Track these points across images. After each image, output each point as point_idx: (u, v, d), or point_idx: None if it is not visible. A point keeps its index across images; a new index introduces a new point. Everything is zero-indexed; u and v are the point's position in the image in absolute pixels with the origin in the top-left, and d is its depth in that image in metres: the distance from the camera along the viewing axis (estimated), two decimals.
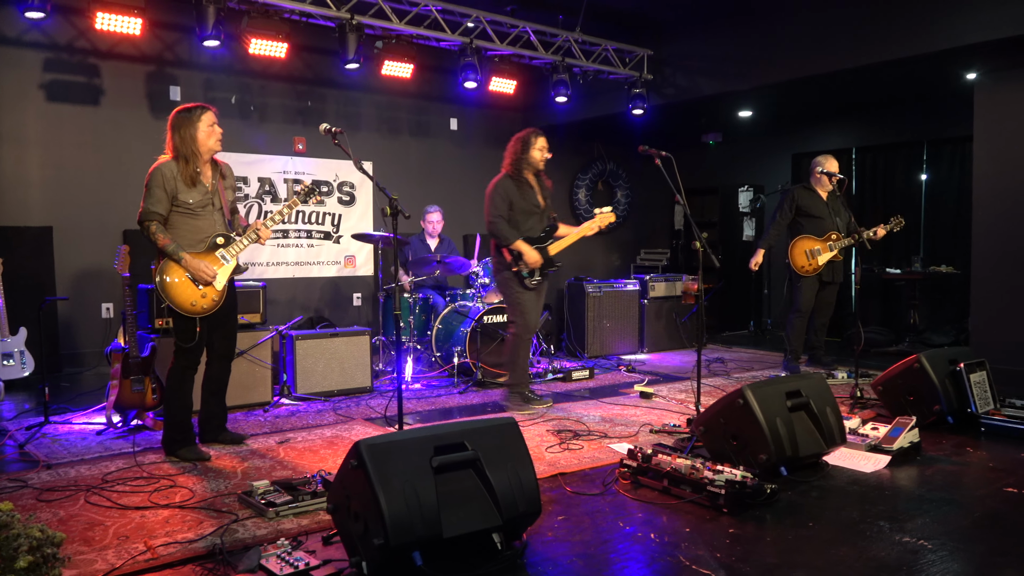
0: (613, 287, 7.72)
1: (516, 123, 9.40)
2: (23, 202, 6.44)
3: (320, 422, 4.90)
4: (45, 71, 6.51)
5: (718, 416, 3.83)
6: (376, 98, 8.25)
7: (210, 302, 4.04)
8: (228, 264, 4.10)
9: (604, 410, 5.23)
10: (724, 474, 3.34)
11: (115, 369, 4.61)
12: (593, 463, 3.96)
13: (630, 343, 7.78)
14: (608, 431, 4.62)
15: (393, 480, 2.54)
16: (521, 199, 5.14)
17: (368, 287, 8.27)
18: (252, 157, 7.49)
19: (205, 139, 4.03)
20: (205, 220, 4.06)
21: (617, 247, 10.56)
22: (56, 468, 3.88)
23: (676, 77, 7.90)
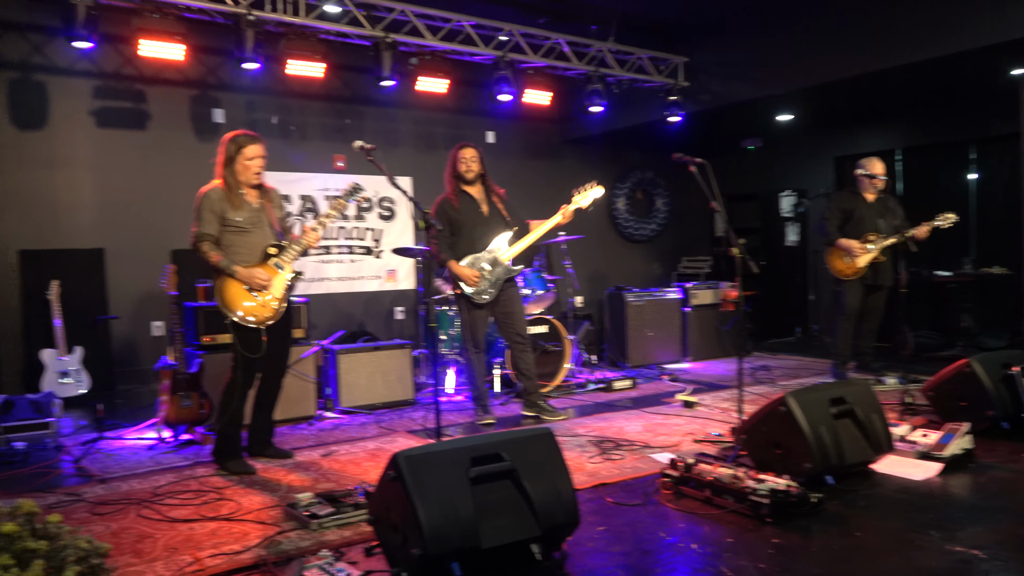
0: (654, 296, 7.67)
1: (552, 134, 9.44)
2: (76, 225, 6.66)
3: (363, 435, 4.96)
4: (95, 98, 6.73)
5: (760, 424, 3.78)
6: (412, 114, 8.35)
7: (272, 311, 4.14)
8: (283, 271, 4.20)
9: (646, 420, 5.20)
10: (767, 483, 3.29)
11: (164, 385, 4.74)
12: (634, 473, 3.93)
13: (672, 352, 7.71)
14: (650, 441, 4.59)
15: (430, 491, 2.57)
16: (459, 214, 5.17)
17: (410, 300, 8.35)
18: (293, 176, 7.63)
19: (243, 171, 4.17)
20: (257, 235, 4.19)
21: (658, 256, 10.49)
22: (109, 482, 4.00)
23: (712, 83, 7.84)
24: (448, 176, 5.24)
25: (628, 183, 10.10)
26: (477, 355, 5.25)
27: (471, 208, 5.22)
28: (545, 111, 8.45)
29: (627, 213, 10.14)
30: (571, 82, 7.98)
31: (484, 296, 5.13)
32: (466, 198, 5.22)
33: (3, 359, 6.16)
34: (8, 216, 6.34)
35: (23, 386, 6.27)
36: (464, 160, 5.18)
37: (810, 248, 9.56)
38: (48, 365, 5.87)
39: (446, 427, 5.13)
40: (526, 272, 6.39)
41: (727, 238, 10.31)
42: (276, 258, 4.21)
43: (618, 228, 10.12)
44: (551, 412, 5.31)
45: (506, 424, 5.23)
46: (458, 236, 5.18)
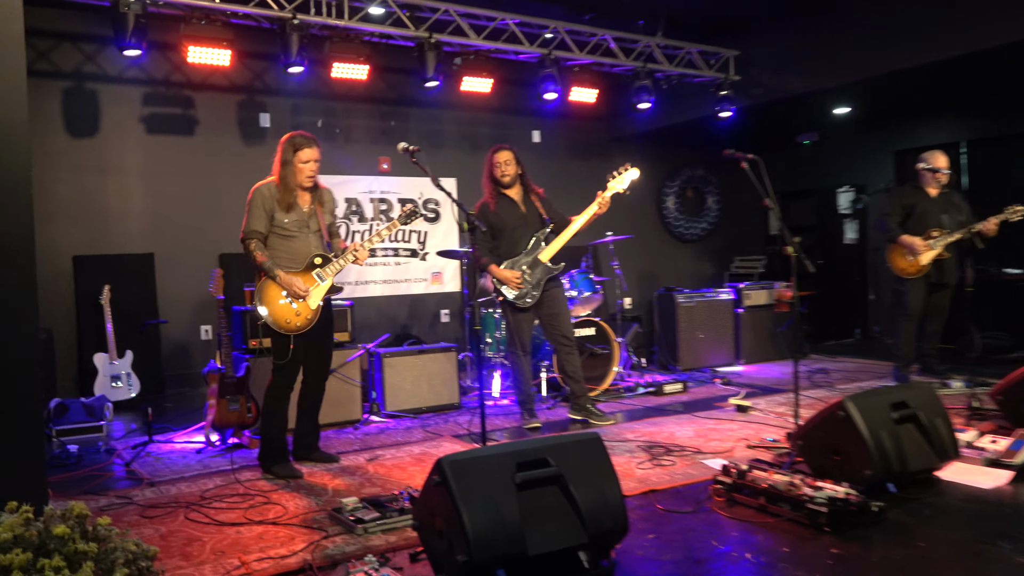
0: (706, 297, 7.58)
1: (599, 132, 9.39)
2: (126, 230, 6.86)
3: (408, 439, 4.99)
4: (144, 105, 6.92)
5: (818, 430, 3.69)
6: (457, 114, 8.39)
7: (303, 321, 4.20)
8: (323, 284, 4.26)
9: (698, 424, 5.14)
10: (825, 491, 3.22)
11: (212, 389, 4.84)
12: (686, 480, 3.89)
13: (725, 355, 7.61)
14: (702, 446, 4.54)
15: (476, 496, 2.56)
16: (498, 217, 5.18)
17: (455, 303, 8.39)
18: (339, 178, 7.73)
19: (296, 173, 4.23)
20: (300, 242, 4.24)
21: (709, 255, 10.36)
22: (159, 485, 4.09)
23: (764, 77, 7.72)
24: (486, 180, 5.25)
25: (678, 181, 10.00)
26: (523, 358, 5.24)
27: (510, 210, 5.22)
28: (591, 109, 8.41)
29: (677, 212, 10.03)
30: (618, 79, 7.93)
31: (527, 299, 5.12)
32: (504, 201, 5.23)
33: (58, 363, 6.36)
34: (61, 222, 6.56)
35: (77, 390, 6.48)
36: (499, 164, 5.18)
37: (870, 246, 9.33)
38: (100, 369, 6.05)
39: (492, 432, 5.13)
40: (572, 273, 6.37)
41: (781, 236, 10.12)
42: (320, 269, 4.26)
43: (668, 227, 10.03)
44: (599, 416, 5.28)
45: (553, 428, 5.21)
46: (499, 239, 5.19)
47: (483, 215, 5.17)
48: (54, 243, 6.45)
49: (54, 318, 6.36)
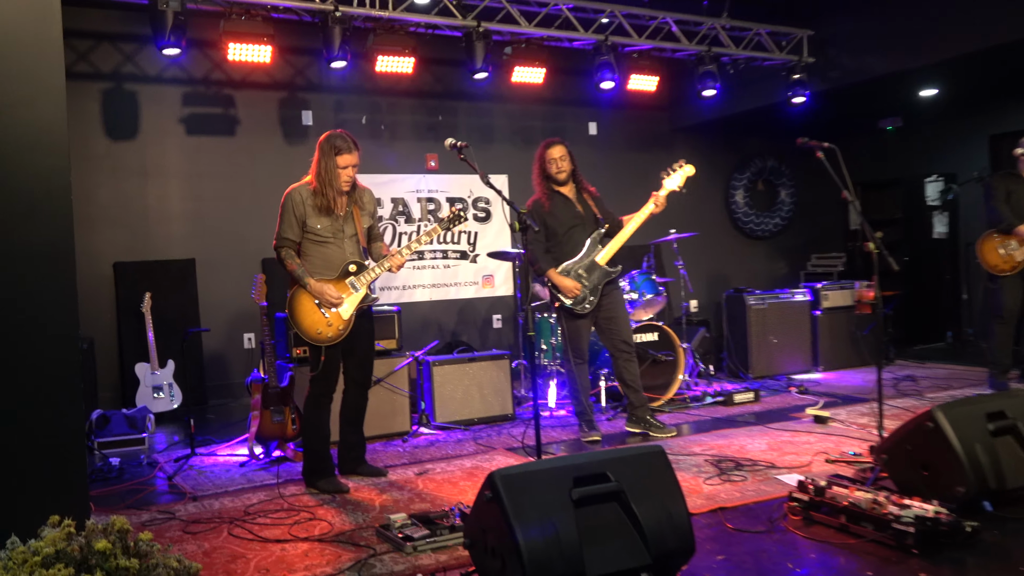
0: (779, 298, 7.47)
1: (660, 123, 9.33)
2: (167, 236, 7.07)
3: (459, 452, 5.03)
4: (184, 105, 7.13)
5: (904, 442, 3.61)
6: (508, 107, 8.43)
7: (335, 331, 4.26)
8: (357, 292, 4.31)
9: (771, 437, 5.07)
10: (913, 509, 3.14)
11: (255, 400, 4.95)
12: (758, 496, 3.85)
13: (801, 361, 7.48)
14: (776, 460, 4.48)
15: (530, 513, 2.57)
16: (554, 216, 5.17)
17: (508, 307, 8.42)
18: (384, 177, 7.84)
19: (334, 178, 4.28)
20: (334, 248, 4.31)
21: (782, 253, 10.19)
22: (201, 500, 4.20)
23: (841, 58, 7.57)
24: (537, 177, 5.26)
25: (747, 173, 9.87)
26: (580, 366, 5.24)
27: (565, 209, 5.21)
28: (652, 98, 8.36)
29: (747, 207, 9.90)
30: (680, 65, 7.86)
31: (584, 305, 5.12)
32: (559, 199, 5.23)
33: (99, 373, 6.58)
34: (102, 228, 6.79)
35: (118, 401, 6.69)
36: (553, 160, 5.18)
37: (962, 240, 9.06)
38: (141, 379, 6.24)
39: (547, 444, 5.14)
40: (633, 274, 6.34)
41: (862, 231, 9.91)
42: (354, 277, 4.32)
43: (737, 223, 9.91)
44: (659, 428, 5.24)
45: (613, 441, 5.20)
46: (552, 240, 5.19)
47: (536, 214, 5.18)
48: (94, 249, 6.68)
49: (95, 327, 6.58)
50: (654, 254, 7.04)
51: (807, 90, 7.62)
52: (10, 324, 2.76)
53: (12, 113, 2.78)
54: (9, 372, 2.75)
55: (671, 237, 6.77)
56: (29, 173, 2.80)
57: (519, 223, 3.92)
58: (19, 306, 2.77)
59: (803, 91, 7.61)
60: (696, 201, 8.78)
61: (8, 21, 2.78)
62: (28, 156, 2.80)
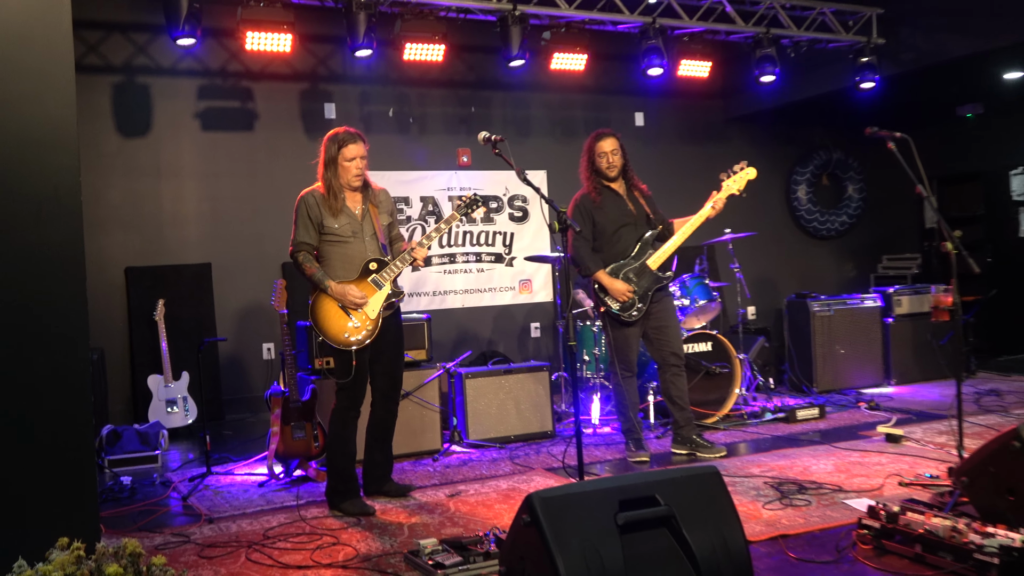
0: (847, 304, 7.39)
1: (714, 112, 9.27)
2: (181, 239, 7.18)
3: (495, 472, 5.04)
4: (199, 99, 7.25)
5: (987, 464, 3.55)
6: (547, 97, 8.45)
7: (364, 332, 4.32)
8: (381, 290, 4.37)
9: (838, 457, 5.03)
10: (997, 538, 3.10)
11: (275, 415, 5.01)
12: (823, 523, 3.82)
13: (871, 373, 7.39)
14: (843, 483, 4.44)
15: (572, 540, 2.57)
16: (603, 212, 5.16)
17: (547, 315, 8.42)
18: (413, 175, 7.89)
19: (343, 173, 4.39)
20: (355, 247, 4.39)
21: (850, 254, 10.07)
22: (218, 522, 4.26)
23: (915, 38, 7.47)
24: (585, 170, 5.26)
25: (810, 167, 9.78)
26: (628, 379, 5.22)
27: (615, 207, 5.21)
28: (704, 85, 8.32)
29: (810, 203, 9.81)
30: (736, 48, 7.81)
31: (632, 312, 5.10)
32: (609, 195, 5.22)
33: (109, 386, 6.71)
34: (113, 230, 6.92)
35: (130, 415, 6.81)
36: (604, 154, 5.18)
37: None
38: (154, 392, 6.35)
39: (591, 464, 5.14)
40: (684, 279, 6.31)
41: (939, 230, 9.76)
42: (376, 274, 4.38)
43: (799, 222, 9.81)
44: (708, 448, 5.21)
45: (663, 462, 5.18)
46: (600, 239, 5.19)
47: (584, 211, 5.18)
48: (104, 254, 6.82)
49: (105, 336, 6.71)
50: (707, 256, 6.99)
51: (876, 74, 7.53)
52: (17, 334, 2.82)
53: (19, 109, 2.85)
54: (16, 385, 2.81)
55: (726, 237, 6.72)
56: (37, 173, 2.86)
57: (559, 223, 3.93)
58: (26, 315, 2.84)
59: (872, 75, 7.52)
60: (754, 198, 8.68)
61: (15, 11, 2.85)
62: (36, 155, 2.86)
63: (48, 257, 2.86)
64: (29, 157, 2.85)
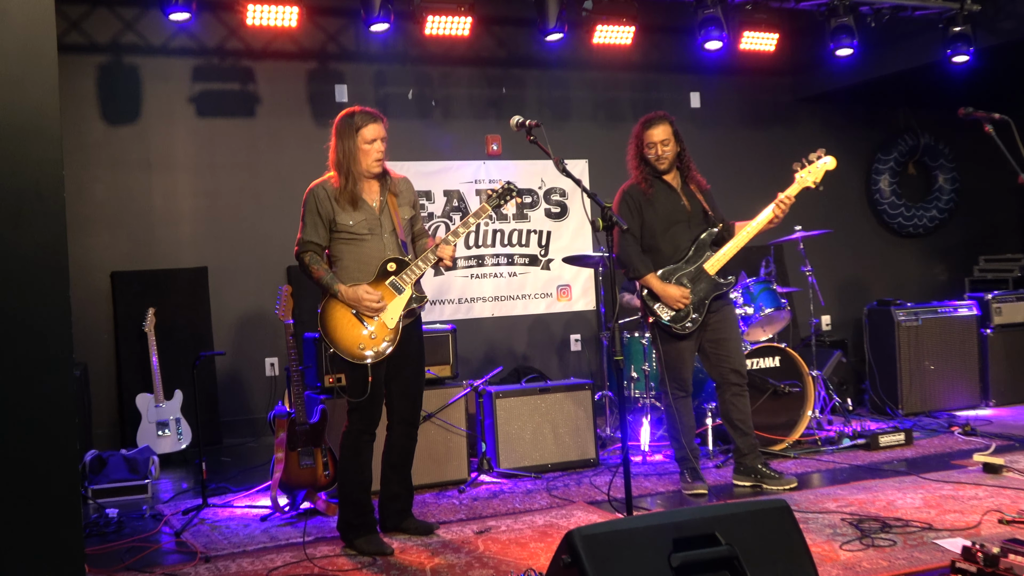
0: (938, 312, 7.34)
1: (781, 91, 9.23)
2: (174, 239, 7.27)
3: (529, 506, 5.05)
4: (194, 81, 7.34)
5: None
6: (588, 76, 8.45)
7: (381, 343, 4.33)
8: (402, 294, 4.37)
9: (928, 490, 5.00)
10: None
11: (279, 439, 5.05)
12: (910, 567, 3.81)
13: (966, 393, 7.33)
14: (934, 521, 4.42)
15: None
16: (654, 207, 5.15)
17: (589, 325, 8.42)
18: (435, 165, 7.93)
19: (362, 157, 4.39)
20: (371, 246, 4.39)
21: (941, 255, 9.96)
22: (215, 561, 4.31)
23: (1016, 4, 7.39)
24: (633, 159, 5.25)
25: (894, 154, 9.70)
26: (682, 400, 5.21)
27: (668, 201, 5.20)
28: (769, 60, 8.27)
29: (894, 196, 9.72)
30: (806, 18, 7.77)
31: (687, 323, 5.08)
32: (661, 188, 5.21)
33: (94, 406, 6.80)
34: (98, 230, 7.02)
35: (116, 439, 6.90)
36: (653, 144, 5.16)
37: None
38: (144, 414, 6.43)
39: (640, 497, 5.13)
40: (747, 283, 6.28)
41: None
42: (395, 276, 4.37)
43: (882, 217, 9.73)
44: (775, 479, 5.18)
45: (723, 494, 5.16)
46: (649, 238, 5.18)
47: (632, 205, 5.18)
48: (88, 257, 6.91)
49: (89, 350, 6.81)
50: (774, 257, 6.96)
51: (971, 46, 7.44)
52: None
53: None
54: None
55: (797, 235, 6.68)
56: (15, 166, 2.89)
57: (603, 220, 3.93)
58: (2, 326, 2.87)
59: (966, 48, 7.43)
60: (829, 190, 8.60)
61: None
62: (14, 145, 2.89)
63: (28, 261, 2.88)
64: (7, 148, 2.88)
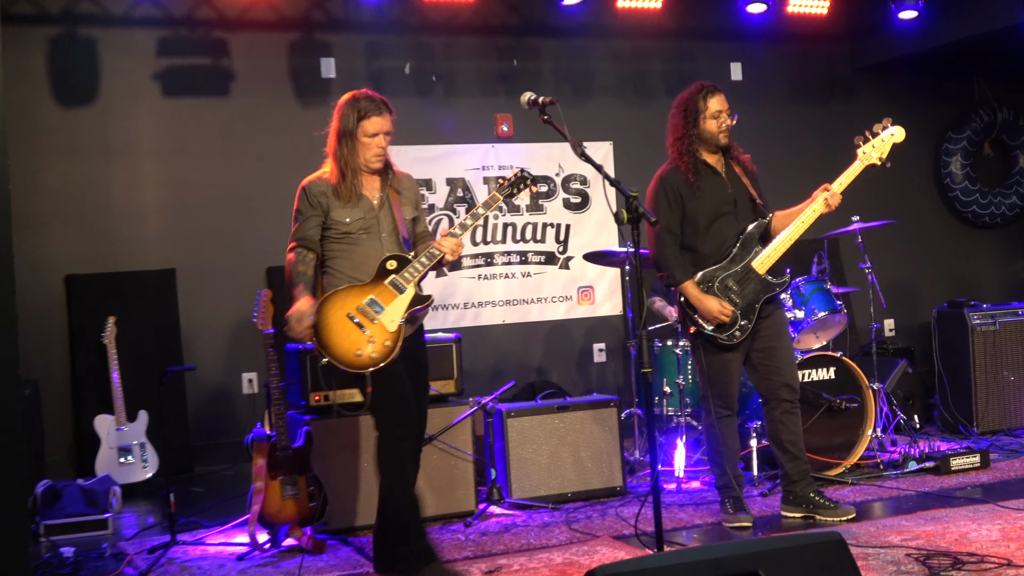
0: (1018, 315, 7.31)
1: (835, 61, 9.20)
2: (138, 238, 7.28)
3: (546, 541, 5.03)
4: (160, 55, 7.34)
5: None
6: (613, 45, 8.43)
7: (381, 348, 4.29)
8: (402, 295, 4.35)
9: (1006, 521, 4.96)
10: None
11: (258, 467, 5.05)
12: None
13: None
14: (1013, 556, 4.37)
15: None
16: (698, 198, 5.10)
17: (615, 333, 8.40)
18: (437, 150, 7.92)
19: (362, 150, 4.43)
20: (369, 246, 4.42)
21: (1021, 249, 9.91)
22: None
23: None
24: (679, 139, 5.20)
25: (967, 132, 9.67)
26: (726, 419, 5.19)
27: (714, 189, 5.16)
28: (822, 25, 8.28)
29: (967, 181, 9.69)
30: None
31: (735, 332, 5.06)
32: (706, 173, 5.19)
33: (47, 430, 6.81)
34: (52, 228, 7.05)
35: (72, 468, 6.90)
36: (719, 114, 5.12)
37: None
38: (104, 438, 6.43)
39: (674, 531, 5.11)
40: (797, 283, 6.25)
41: None
42: (395, 275, 4.37)
43: (952, 205, 9.70)
44: (831, 509, 5.15)
45: (770, 527, 5.13)
46: (691, 234, 5.16)
47: (672, 194, 5.14)
48: (41, 258, 6.93)
49: (39, 365, 6.80)
50: (828, 253, 6.93)
51: None
52: None
53: None
54: None
55: (854, 227, 6.63)
56: None
57: (628, 211, 3.91)
58: None
59: None
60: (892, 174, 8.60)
61: None
62: None
63: None
64: None
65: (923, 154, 9.60)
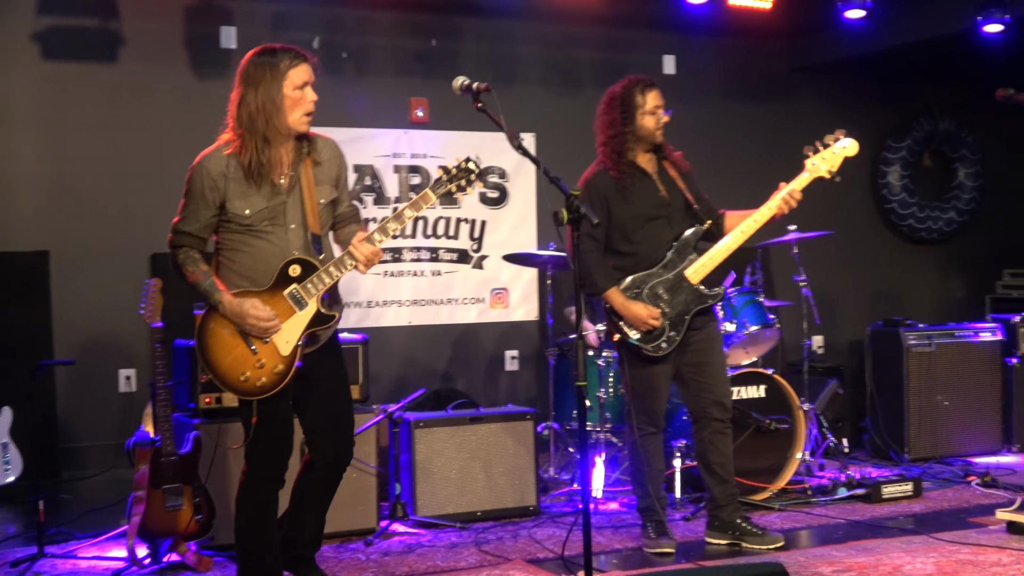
0: (955, 336, 7.48)
1: (776, 59, 9.34)
2: (8, 216, 7.11)
3: (454, 564, 5.04)
4: (40, 13, 7.17)
5: None
6: (540, 29, 8.46)
7: (269, 376, 4.06)
8: (303, 310, 4.10)
9: (941, 554, 5.06)
10: None
11: (140, 474, 4.96)
12: None
13: (986, 435, 7.49)
14: None
15: None
16: (627, 201, 5.15)
17: (531, 340, 8.43)
18: (345, 133, 7.83)
19: (290, 109, 4.06)
20: (274, 239, 4.12)
21: (958, 267, 10.16)
22: None
23: None
24: (610, 137, 5.21)
25: (907, 141, 9.87)
26: (649, 437, 5.23)
27: (645, 191, 5.20)
28: (763, 20, 8.39)
29: (905, 192, 9.89)
30: None
31: (662, 343, 5.11)
32: (636, 174, 5.24)
33: None
34: None
35: None
36: (656, 109, 5.16)
37: None
38: None
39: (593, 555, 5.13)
40: (729, 295, 6.31)
41: None
42: (297, 285, 4.08)
43: (889, 218, 9.90)
44: (757, 536, 5.22)
45: (693, 554, 5.18)
46: (619, 239, 5.20)
47: (598, 196, 5.16)
48: None
49: None
50: (761, 263, 7.02)
51: (1007, 13, 7.60)
52: None
53: None
54: None
55: (790, 237, 6.72)
56: None
57: (568, 211, 3.91)
58: None
59: (1001, 15, 7.58)
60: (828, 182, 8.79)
61: None
62: None
63: None
64: None
65: (861, 162, 9.70)
